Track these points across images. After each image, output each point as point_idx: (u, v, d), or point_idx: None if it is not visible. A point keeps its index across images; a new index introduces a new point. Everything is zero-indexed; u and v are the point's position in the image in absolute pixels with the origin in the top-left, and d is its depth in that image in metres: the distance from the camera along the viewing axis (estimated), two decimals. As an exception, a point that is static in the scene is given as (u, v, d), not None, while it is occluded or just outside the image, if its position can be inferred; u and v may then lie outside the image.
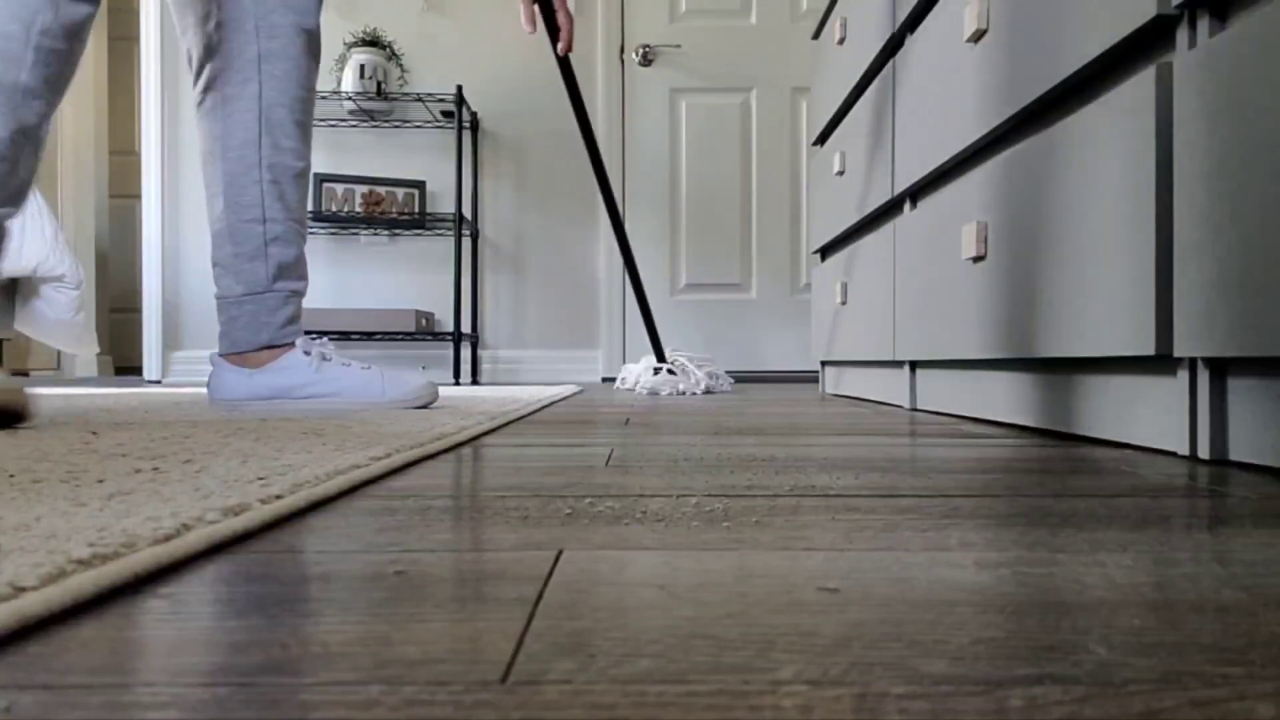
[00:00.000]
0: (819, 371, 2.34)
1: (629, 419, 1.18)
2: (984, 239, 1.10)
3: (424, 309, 3.06)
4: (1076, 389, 0.93)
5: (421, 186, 3.01)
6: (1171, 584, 0.32)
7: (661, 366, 2.12)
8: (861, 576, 0.33)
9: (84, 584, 0.28)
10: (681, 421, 1.14)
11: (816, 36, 2.19)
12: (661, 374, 2.09)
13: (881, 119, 1.59)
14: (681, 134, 3.12)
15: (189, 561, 0.35)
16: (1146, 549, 0.38)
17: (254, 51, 1.26)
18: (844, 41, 1.88)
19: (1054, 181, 0.91)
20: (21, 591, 0.27)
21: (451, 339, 2.79)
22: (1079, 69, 0.87)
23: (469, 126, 3.06)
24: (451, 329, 2.94)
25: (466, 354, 3.10)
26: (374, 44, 2.91)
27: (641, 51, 3.07)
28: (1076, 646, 0.25)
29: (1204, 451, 0.70)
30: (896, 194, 1.50)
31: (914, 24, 1.44)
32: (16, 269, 1.65)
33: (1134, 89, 0.76)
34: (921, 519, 0.45)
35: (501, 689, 0.22)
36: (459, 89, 2.75)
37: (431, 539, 0.39)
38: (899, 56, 1.48)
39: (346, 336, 2.79)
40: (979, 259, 1.12)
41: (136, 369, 4.32)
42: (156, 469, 0.55)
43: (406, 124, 3.05)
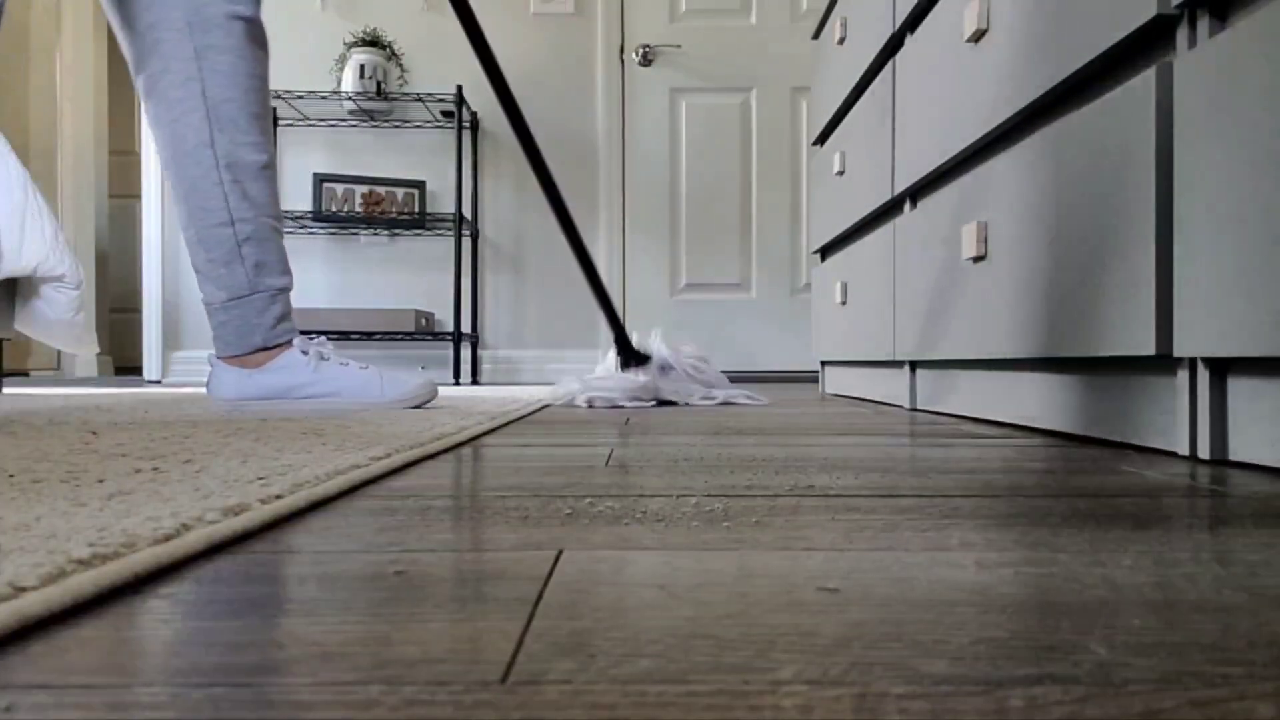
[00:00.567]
0: (819, 371, 2.34)
1: (629, 419, 1.18)
2: (984, 239, 1.10)
3: (424, 309, 3.06)
4: (1077, 389, 0.93)
5: (421, 186, 3.01)
6: (1172, 584, 0.32)
7: (630, 357, 1.58)
8: (861, 576, 0.33)
9: (84, 584, 0.28)
10: (681, 421, 1.14)
11: (816, 36, 2.19)
12: (617, 377, 1.52)
13: (881, 119, 1.59)
14: (681, 134, 3.12)
15: (189, 561, 0.35)
16: (1147, 549, 0.38)
17: (190, 48, 1.21)
18: (844, 41, 1.88)
19: (1054, 181, 0.91)
20: (21, 591, 0.27)
21: (451, 339, 2.79)
22: (1079, 69, 0.87)
23: (469, 126, 3.06)
24: (451, 329, 2.94)
25: (466, 354, 3.10)
26: (374, 44, 2.91)
27: (641, 51, 3.07)
28: (1076, 646, 0.25)
29: (1204, 451, 0.70)
30: (896, 194, 1.50)
31: (914, 24, 1.44)
32: (16, 269, 1.65)
33: (1134, 89, 0.76)
34: (922, 519, 0.45)
35: (501, 689, 0.22)
36: (459, 89, 2.75)
37: (431, 539, 0.39)
38: (899, 56, 1.48)
39: (346, 336, 2.79)
40: (979, 259, 1.12)
41: (136, 369, 4.32)
42: (156, 469, 0.55)
43: (406, 124, 3.05)
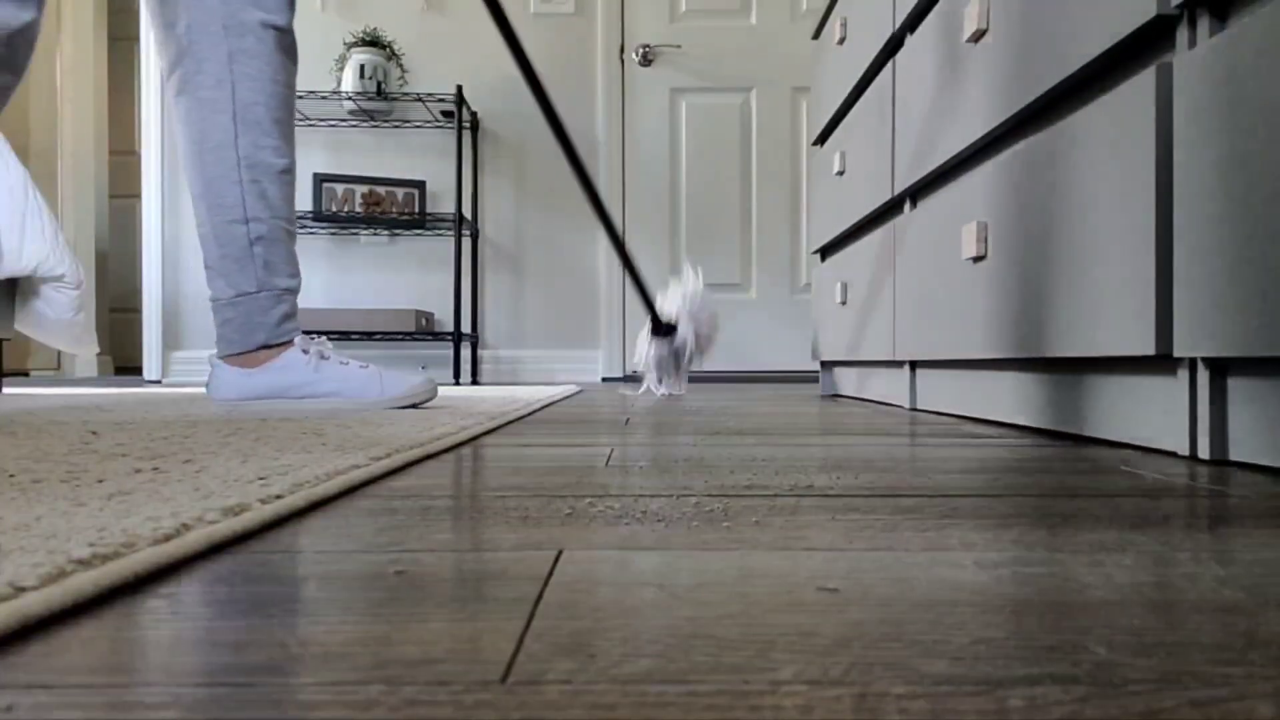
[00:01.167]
0: (819, 371, 2.34)
1: (629, 419, 1.18)
2: (984, 239, 1.10)
3: (424, 309, 3.06)
4: (1077, 389, 0.93)
5: (421, 186, 3.01)
6: (1171, 584, 0.32)
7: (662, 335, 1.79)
8: (861, 576, 0.33)
9: (84, 584, 0.28)
10: (681, 421, 1.14)
11: (816, 36, 2.19)
12: (654, 351, 1.77)
13: (881, 119, 1.59)
14: (681, 134, 3.12)
15: (189, 561, 0.35)
16: (1147, 549, 0.38)
17: (224, 51, 1.25)
18: (844, 41, 1.88)
19: (1054, 181, 0.91)
20: (22, 591, 0.27)
21: (451, 339, 2.79)
22: (1079, 69, 0.87)
23: (469, 126, 3.06)
24: (451, 329, 2.94)
25: (466, 354, 3.10)
26: (374, 44, 2.91)
27: (641, 51, 3.07)
28: (1076, 646, 0.25)
29: (1204, 451, 0.70)
30: (896, 194, 1.50)
31: (914, 24, 1.43)
32: (16, 269, 1.65)
33: (1134, 89, 0.76)
34: (921, 519, 0.45)
35: (501, 689, 0.22)
36: (459, 89, 2.75)
37: (431, 539, 0.39)
38: (899, 56, 1.48)
39: (346, 336, 2.79)
40: (979, 259, 1.12)
41: (136, 369, 4.32)
42: (156, 469, 0.55)
43: (406, 124, 3.05)
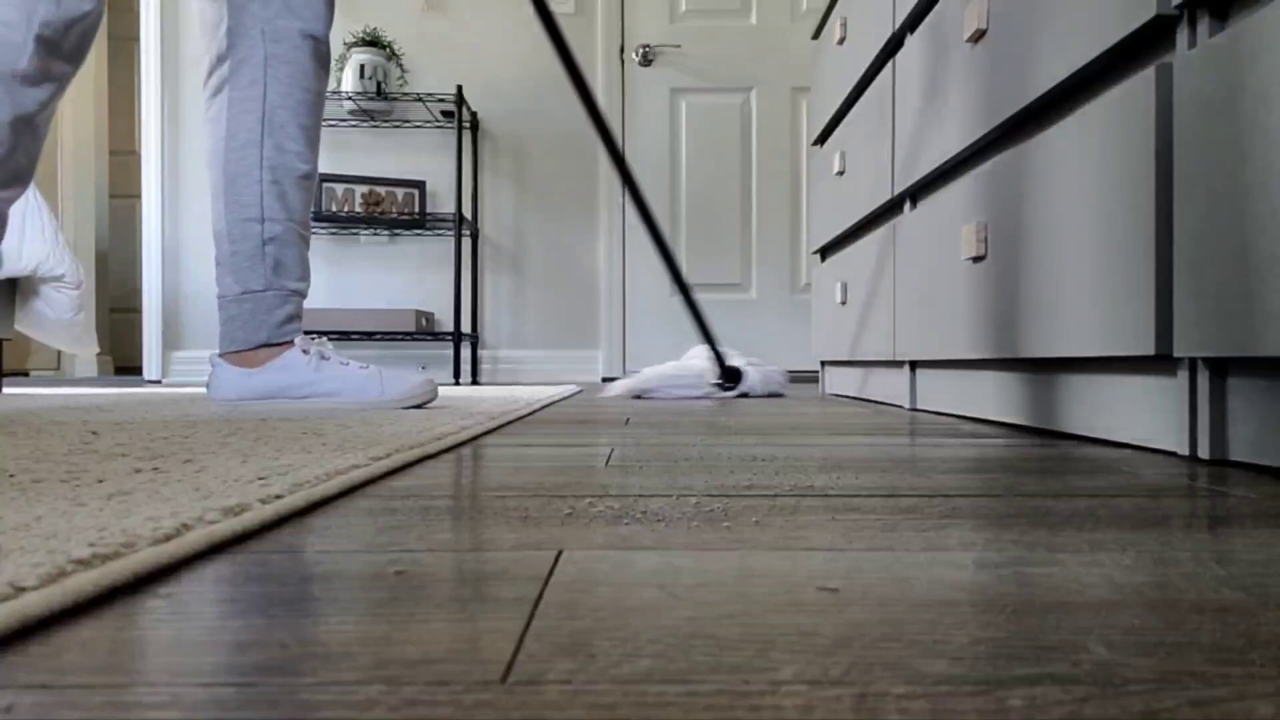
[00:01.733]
0: (819, 371, 2.34)
1: (629, 419, 1.18)
2: (984, 239, 1.10)
3: (424, 309, 3.06)
4: (1077, 389, 0.93)
5: (421, 186, 3.01)
6: (1171, 584, 0.32)
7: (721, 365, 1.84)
8: (861, 576, 0.33)
9: (84, 584, 0.28)
10: (681, 421, 1.14)
11: (816, 36, 2.19)
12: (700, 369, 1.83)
13: (881, 119, 1.59)
14: (681, 134, 3.12)
15: (189, 561, 0.35)
16: (1146, 549, 0.38)
17: (261, 55, 1.27)
18: (844, 41, 1.88)
19: (1054, 181, 0.91)
20: (22, 591, 0.27)
21: (451, 339, 2.79)
22: (1079, 69, 0.87)
23: (469, 126, 3.06)
24: (451, 329, 2.94)
25: (466, 354, 3.10)
26: (374, 44, 2.91)
27: (641, 51, 3.07)
28: (1076, 646, 0.25)
29: (1204, 451, 0.70)
30: (896, 194, 1.50)
31: (914, 24, 1.43)
32: (16, 269, 1.65)
33: (1134, 89, 0.76)
34: (921, 519, 0.45)
35: (501, 689, 0.22)
36: (459, 89, 2.75)
37: (431, 539, 0.39)
38: (899, 56, 1.48)
39: (346, 336, 2.79)
40: (979, 259, 1.12)
41: (136, 369, 4.32)
42: (156, 469, 0.55)
43: (406, 124, 3.05)
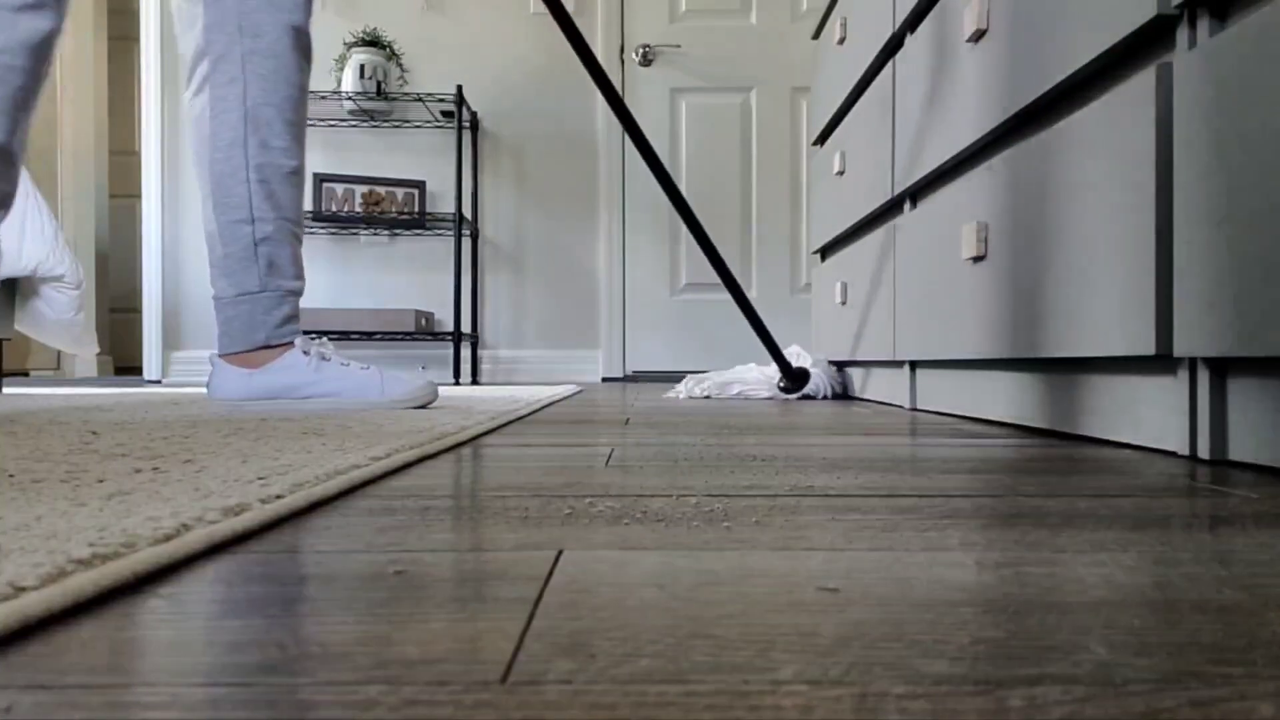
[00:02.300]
0: (819, 371, 2.33)
1: (629, 419, 1.18)
2: (984, 239, 1.10)
3: (424, 309, 3.06)
4: (1077, 389, 0.93)
5: (421, 186, 3.01)
6: (1172, 584, 0.32)
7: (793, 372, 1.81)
8: (861, 576, 0.33)
9: (84, 584, 0.28)
10: (681, 421, 1.14)
11: (816, 36, 2.19)
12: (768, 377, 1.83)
13: (881, 119, 1.59)
14: (681, 134, 3.12)
15: (189, 561, 0.35)
16: (1147, 549, 0.38)
17: (238, 51, 1.25)
18: (844, 41, 1.88)
19: (1054, 181, 0.91)
20: (21, 591, 0.27)
21: (451, 339, 2.79)
22: (1079, 69, 0.87)
23: (469, 126, 3.06)
24: (451, 329, 2.94)
25: (466, 354, 3.10)
26: (374, 44, 2.91)
27: (641, 51, 3.07)
28: (1076, 646, 0.25)
29: (1204, 451, 0.70)
30: (896, 194, 1.50)
31: (914, 24, 1.43)
32: (16, 269, 1.65)
33: (1134, 89, 0.76)
34: (922, 519, 0.45)
35: (501, 689, 0.22)
36: (459, 89, 2.75)
37: (431, 539, 0.39)
38: (899, 56, 1.48)
39: (346, 336, 2.79)
40: (979, 259, 1.12)
41: (136, 369, 4.32)
42: (156, 469, 0.55)
43: (406, 124, 3.05)
